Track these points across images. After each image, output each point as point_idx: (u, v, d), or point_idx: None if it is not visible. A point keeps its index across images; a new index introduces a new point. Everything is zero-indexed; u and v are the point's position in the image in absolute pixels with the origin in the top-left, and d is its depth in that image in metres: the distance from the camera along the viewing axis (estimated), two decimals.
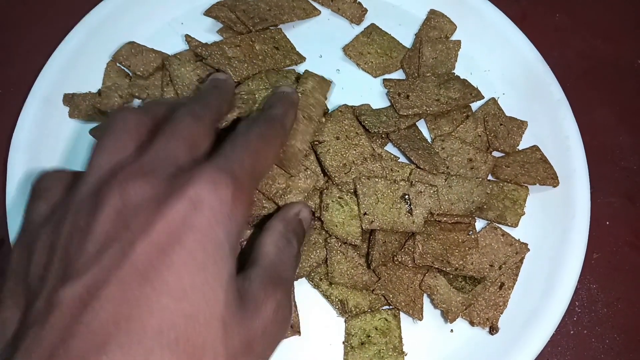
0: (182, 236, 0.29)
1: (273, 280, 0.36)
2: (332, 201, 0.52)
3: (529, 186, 0.56)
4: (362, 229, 0.51)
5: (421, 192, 0.52)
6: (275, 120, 0.46)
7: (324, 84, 0.56)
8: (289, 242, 0.42)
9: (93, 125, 0.57)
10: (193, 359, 0.27)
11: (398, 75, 0.63)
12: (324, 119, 0.55)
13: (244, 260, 0.39)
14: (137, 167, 0.32)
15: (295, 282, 0.52)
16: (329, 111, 0.57)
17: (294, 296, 0.51)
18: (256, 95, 0.53)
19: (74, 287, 0.28)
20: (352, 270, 0.51)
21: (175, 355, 0.27)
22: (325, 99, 0.56)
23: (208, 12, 0.62)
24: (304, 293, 0.52)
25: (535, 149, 0.58)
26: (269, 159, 0.42)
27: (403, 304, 0.51)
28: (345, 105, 0.57)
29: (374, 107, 0.59)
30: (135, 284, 0.27)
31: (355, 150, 0.54)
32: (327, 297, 0.52)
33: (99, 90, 0.59)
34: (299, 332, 0.51)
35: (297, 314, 0.51)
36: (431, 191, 0.52)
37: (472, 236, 0.53)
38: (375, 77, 0.62)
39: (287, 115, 0.48)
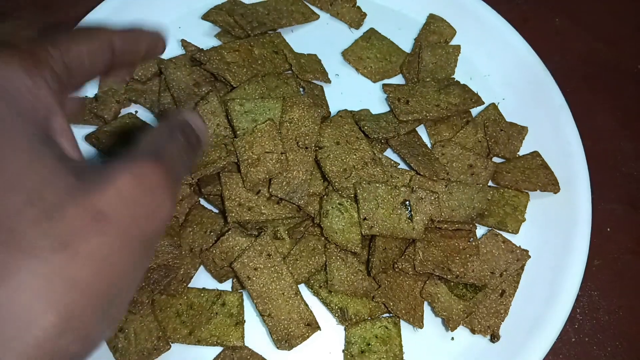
0: None
1: (138, 157, 0.31)
2: (331, 207, 0.52)
3: (530, 192, 0.56)
4: (362, 236, 0.51)
5: (422, 198, 0.52)
6: None
7: (313, 112, 0.54)
8: (171, 134, 0.35)
9: (90, 130, 0.56)
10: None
11: (397, 80, 0.62)
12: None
13: None
14: None
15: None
16: (330, 116, 0.57)
17: (301, 296, 0.51)
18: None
19: None
20: (352, 277, 0.51)
21: None
22: (318, 126, 0.54)
23: (206, 17, 0.61)
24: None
25: (535, 154, 0.58)
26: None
27: (403, 311, 0.50)
28: (346, 110, 0.57)
29: (373, 112, 0.59)
30: None
31: (355, 155, 0.53)
32: (326, 304, 0.52)
33: (96, 95, 0.58)
34: (318, 328, 0.50)
35: (312, 312, 0.50)
36: (432, 198, 0.52)
37: (473, 243, 0.52)
38: (374, 82, 0.62)
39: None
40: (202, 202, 0.55)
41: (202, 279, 0.52)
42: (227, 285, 0.52)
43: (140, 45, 0.41)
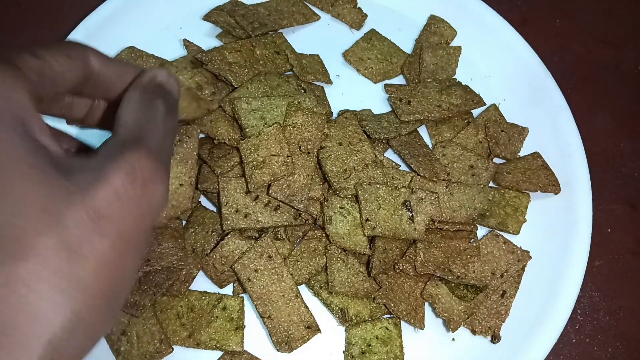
0: None
1: (127, 145, 0.31)
2: (334, 213, 0.52)
3: (531, 193, 0.56)
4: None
5: (422, 198, 0.52)
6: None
7: (317, 118, 0.54)
8: (150, 104, 0.35)
9: (92, 132, 0.56)
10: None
11: (398, 81, 0.62)
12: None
13: None
14: None
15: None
16: (332, 117, 0.57)
17: (302, 298, 0.51)
18: None
19: None
20: (353, 278, 0.51)
21: None
22: (322, 133, 0.54)
23: (207, 17, 0.61)
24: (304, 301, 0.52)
25: (536, 155, 0.58)
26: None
27: (404, 312, 0.50)
28: (350, 111, 0.56)
29: (374, 112, 0.59)
30: None
31: (357, 156, 0.53)
32: (327, 305, 0.52)
33: None
34: (319, 330, 0.50)
35: (312, 314, 0.50)
36: (432, 198, 0.52)
37: (474, 244, 0.53)
38: (375, 82, 0.62)
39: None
40: (203, 202, 0.55)
41: (203, 285, 0.52)
42: (228, 290, 0.52)
43: (125, 77, 0.39)
